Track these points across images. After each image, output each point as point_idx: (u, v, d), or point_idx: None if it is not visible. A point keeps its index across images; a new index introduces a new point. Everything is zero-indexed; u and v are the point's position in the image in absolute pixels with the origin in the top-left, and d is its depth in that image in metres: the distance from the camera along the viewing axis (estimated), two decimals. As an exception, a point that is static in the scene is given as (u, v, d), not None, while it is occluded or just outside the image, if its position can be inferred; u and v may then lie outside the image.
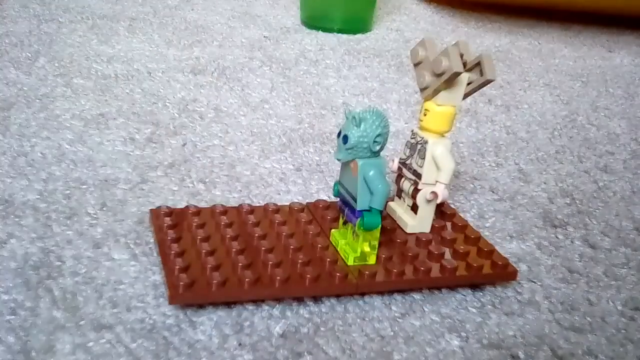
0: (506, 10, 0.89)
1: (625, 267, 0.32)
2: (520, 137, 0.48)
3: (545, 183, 0.41)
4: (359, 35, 0.72)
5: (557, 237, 0.34)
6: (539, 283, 0.30)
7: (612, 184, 0.41)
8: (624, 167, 0.44)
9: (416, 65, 0.31)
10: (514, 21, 0.85)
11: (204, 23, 0.71)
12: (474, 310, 0.28)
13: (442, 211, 0.33)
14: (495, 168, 0.42)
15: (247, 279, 0.26)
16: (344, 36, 0.71)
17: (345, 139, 0.26)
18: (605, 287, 0.30)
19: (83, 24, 0.65)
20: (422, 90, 0.30)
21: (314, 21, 0.73)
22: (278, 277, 0.26)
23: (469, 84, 0.30)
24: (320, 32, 0.71)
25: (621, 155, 0.46)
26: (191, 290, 0.25)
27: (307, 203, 0.33)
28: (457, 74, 0.28)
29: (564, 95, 0.58)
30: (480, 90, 0.31)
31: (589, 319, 0.28)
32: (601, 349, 0.26)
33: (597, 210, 0.38)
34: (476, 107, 0.53)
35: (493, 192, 0.39)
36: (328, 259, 0.28)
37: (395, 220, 0.32)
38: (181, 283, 0.25)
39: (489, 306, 0.28)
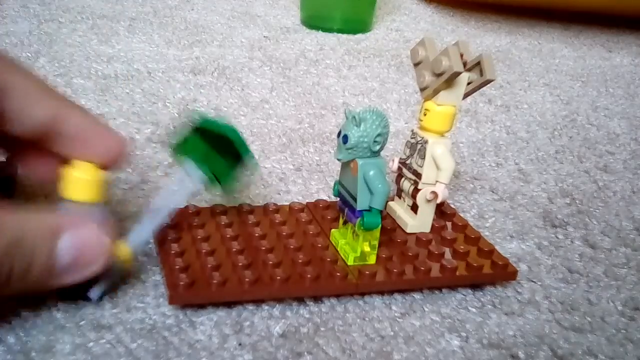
0: (506, 10, 0.88)
1: (625, 267, 0.32)
2: (520, 137, 0.48)
3: (545, 183, 0.41)
4: (359, 35, 0.72)
5: (557, 237, 0.34)
6: (539, 283, 0.30)
7: (612, 184, 0.41)
8: (624, 167, 0.44)
9: (416, 65, 0.31)
10: (514, 21, 0.85)
11: (204, 23, 0.71)
12: (474, 310, 0.28)
13: (442, 211, 0.33)
14: (495, 168, 0.42)
15: (247, 279, 0.26)
16: (344, 36, 0.71)
17: (345, 138, 0.26)
18: (605, 287, 0.30)
19: (83, 24, 0.65)
20: (422, 90, 0.30)
21: (314, 21, 0.72)
22: (278, 277, 0.26)
23: (469, 83, 0.30)
24: (320, 32, 0.71)
25: (621, 155, 0.46)
26: (191, 290, 0.25)
27: (307, 203, 0.33)
28: (457, 74, 0.28)
29: (564, 95, 0.58)
30: (480, 90, 0.31)
31: (589, 319, 0.28)
32: (601, 349, 0.26)
33: (597, 210, 0.38)
34: (476, 107, 0.53)
35: (493, 192, 0.39)
36: (328, 259, 0.28)
37: (395, 220, 0.32)
38: (181, 283, 0.25)
39: (489, 306, 0.28)
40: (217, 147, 0.28)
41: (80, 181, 0.25)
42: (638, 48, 0.78)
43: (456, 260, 0.29)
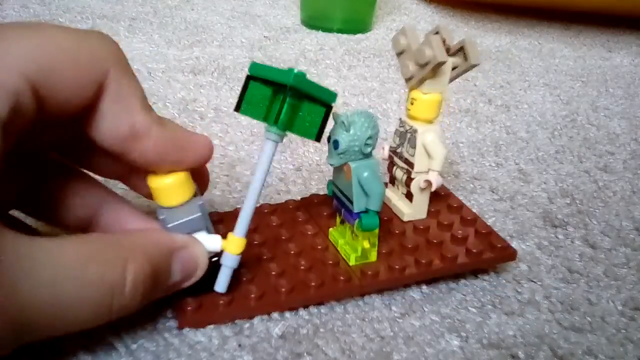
0: (506, 10, 0.88)
1: (625, 267, 0.32)
2: (520, 137, 0.48)
3: (545, 183, 0.41)
4: (359, 35, 0.72)
5: (557, 237, 0.34)
6: (539, 283, 0.30)
7: (612, 184, 0.41)
8: (624, 167, 0.44)
9: (399, 54, 0.30)
10: (514, 21, 0.85)
11: (204, 23, 0.71)
12: (474, 310, 0.28)
13: (436, 192, 0.33)
14: (495, 168, 0.42)
15: (252, 295, 0.25)
16: (344, 36, 0.71)
17: (336, 144, 0.26)
18: (605, 287, 0.30)
19: (83, 24, 0.65)
20: (407, 80, 0.30)
21: (314, 21, 0.72)
22: (283, 289, 0.26)
23: (453, 68, 0.30)
24: (320, 32, 0.71)
25: (621, 155, 0.46)
26: (199, 313, 0.25)
27: (302, 199, 0.33)
28: (442, 64, 0.28)
29: (564, 95, 0.58)
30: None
31: (589, 318, 0.28)
32: (601, 349, 0.26)
33: (597, 210, 0.38)
34: (476, 107, 0.53)
35: (493, 192, 0.39)
36: (330, 262, 0.28)
37: (390, 208, 0.32)
38: (189, 308, 0.25)
39: (489, 306, 0.28)
40: (293, 95, 0.24)
41: (169, 187, 0.24)
42: (638, 48, 0.78)
43: (456, 246, 0.29)
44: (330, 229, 0.30)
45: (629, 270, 0.32)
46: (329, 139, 0.27)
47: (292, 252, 0.28)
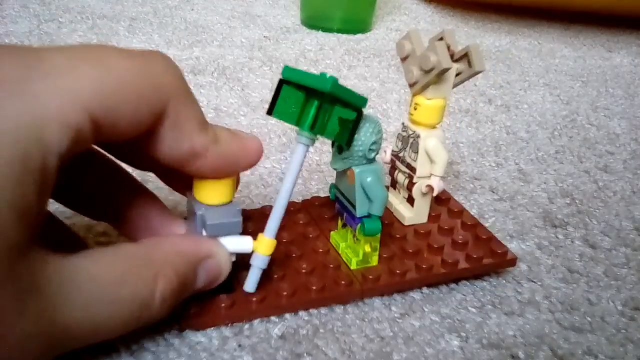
0: (506, 10, 0.88)
1: (625, 267, 0.32)
2: (520, 137, 0.48)
3: (545, 183, 0.41)
4: (359, 35, 0.72)
5: (557, 237, 0.34)
6: (539, 283, 0.30)
7: (612, 184, 0.41)
8: (624, 167, 0.44)
9: (403, 59, 0.30)
10: (514, 21, 0.85)
11: (204, 23, 0.71)
12: (474, 310, 0.28)
13: (437, 196, 0.33)
14: (495, 168, 0.42)
15: (254, 299, 0.25)
16: (344, 36, 0.71)
17: (340, 148, 0.26)
18: (605, 287, 0.30)
19: (83, 24, 0.65)
20: (411, 85, 0.30)
21: (314, 21, 0.72)
22: (284, 293, 0.26)
23: (457, 74, 0.30)
24: (320, 32, 0.71)
25: (621, 155, 0.46)
26: (201, 316, 0.25)
27: (303, 201, 0.33)
28: (447, 70, 0.28)
29: (564, 95, 0.58)
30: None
31: (589, 318, 0.28)
32: (601, 349, 0.26)
33: (597, 210, 0.38)
34: (476, 107, 0.53)
35: (493, 192, 0.39)
36: (331, 265, 0.28)
37: (392, 212, 0.32)
38: (191, 311, 0.25)
39: (489, 306, 0.28)
40: (327, 101, 0.24)
41: (213, 187, 0.24)
42: (638, 48, 0.78)
43: (456, 251, 0.29)
44: (332, 232, 0.30)
45: (629, 270, 0.32)
46: (332, 143, 0.27)
47: (294, 255, 0.28)
